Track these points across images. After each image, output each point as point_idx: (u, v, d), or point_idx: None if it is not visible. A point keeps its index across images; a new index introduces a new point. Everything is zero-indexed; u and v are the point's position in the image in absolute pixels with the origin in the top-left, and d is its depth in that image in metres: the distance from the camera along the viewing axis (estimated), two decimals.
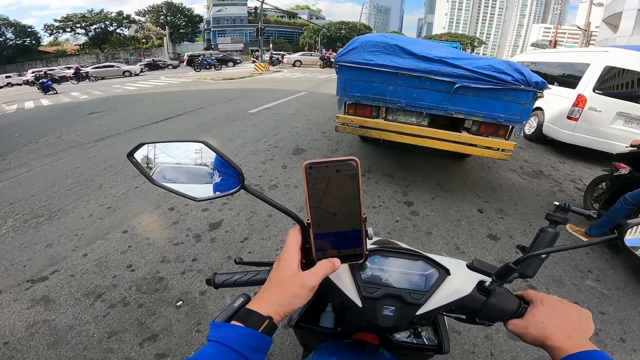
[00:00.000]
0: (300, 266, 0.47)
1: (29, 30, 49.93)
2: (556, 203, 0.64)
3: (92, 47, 53.49)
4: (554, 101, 5.27)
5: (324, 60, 25.86)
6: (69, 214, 3.08)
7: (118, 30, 56.71)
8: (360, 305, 0.56)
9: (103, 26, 54.55)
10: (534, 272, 0.59)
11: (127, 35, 57.30)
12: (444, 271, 0.59)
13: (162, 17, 58.96)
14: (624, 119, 4.62)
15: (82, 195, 3.46)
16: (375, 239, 0.92)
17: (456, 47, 12.10)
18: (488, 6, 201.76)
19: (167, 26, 55.13)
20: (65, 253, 2.48)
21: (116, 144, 5.30)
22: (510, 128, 3.19)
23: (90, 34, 53.99)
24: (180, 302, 1.99)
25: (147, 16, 59.38)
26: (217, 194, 0.53)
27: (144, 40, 51.32)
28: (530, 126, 6.10)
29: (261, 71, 21.37)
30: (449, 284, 0.58)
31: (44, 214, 3.08)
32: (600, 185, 3.28)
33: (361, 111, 3.51)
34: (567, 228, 2.94)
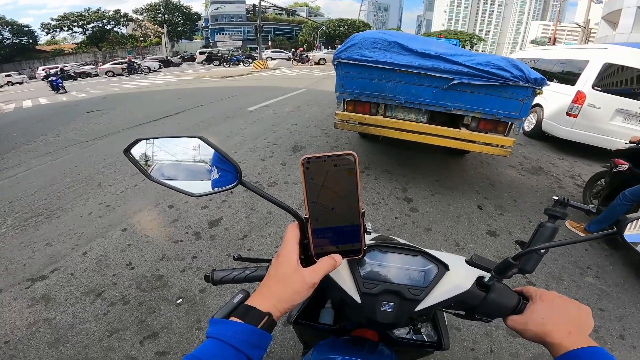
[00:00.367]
0: (299, 262, 0.46)
1: (26, 29, 49.68)
2: (555, 198, 0.64)
3: (90, 46, 53.34)
4: (553, 98, 5.26)
5: (296, 58, 29.54)
6: (68, 212, 3.08)
7: (115, 29, 56.52)
8: (359, 301, 0.56)
9: (100, 25, 54.31)
10: (533, 268, 0.59)
11: (125, 33, 57.07)
12: (443, 267, 0.58)
13: (160, 15, 58.68)
14: (623, 115, 4.62)
15: (81, 193, 3.46)
16: (374, 235, 0.92)
17: (455, 45, 12.07)
18: (487, 3, 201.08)
19: (165, 24, 54.85)
20: (64, 251, 2.48)
21: (115, 142, 5.29)
22: (509, 124, 3.19)
23: (87, 33, 53.75)
24: (180, 300, 1.99)
25: (145, 14, 59.10)
26: (215, 189, 0.53)
27: (141, 39, 51.14)
28: (529, 123, 6.10)
29: (260, 69, 21.32)
30: (448, 279, 0.57)
31: (43, 213, 3.07)
32: (599, 182, 3.28)
33: (360, 108, 3.50)
34: (567, 224, 2.94)
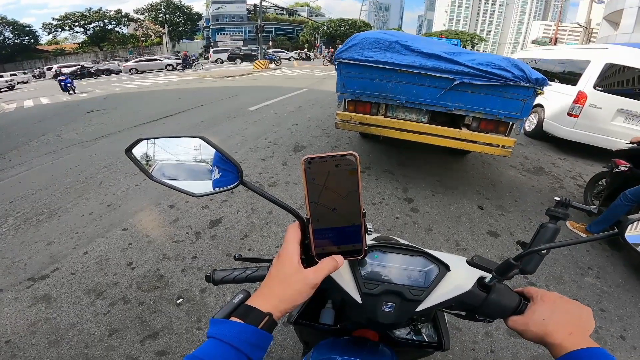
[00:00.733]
0: (300, 262, 0.46)
1: (27, 29, 49.78)
2: (556, 198, 0.64)
3: (91, 46, 53.39)
4: (555, 98, 5.25)
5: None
6: (69, 212, 3.08)
7: (117, 29, 56.56)
8: (360, 301, 0.56)
9: (102, 24, 54.35)
10: (534, 268, 0.58)
11: (126, 33, 57.14)
12: (444, 267, 0.58)
13: (161, 15, 58.74)
14: (624, 115, 4.61)
15: (82, 193, 3.46)
16: (375, 235, 0.92)
17: (456, 45, 12.06)
18: (488, 3, 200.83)
19: (166, 24, 54.94)
20: (65, 251, 2.49)
21: (116, 142, 5.29)
22: (510, 125, 3.18)
23: (88, 33, 53.82)
24: (181, 300, 2.00)
25: (146, 14, 59.16)
26: (216, 189, 0.53)
27: (142, 39, 51.19)
28: (530, 123, 6.09)
29: (261, 68, 21.32)
30: (448, 280, 0.57)
31: (45, 212, 3.08)
32: (600, 182, 3.27)
33: (361, 108, 3.50)
34: (568, 225, 2.93)
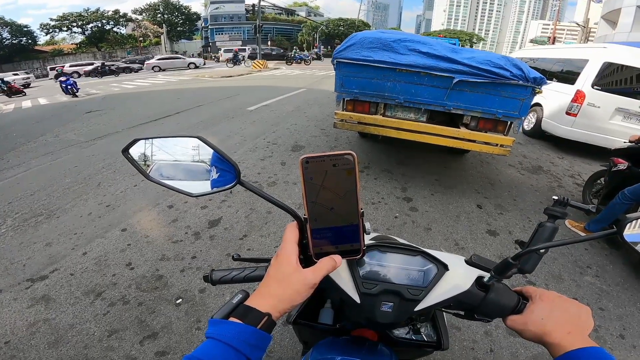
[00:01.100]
0: (299, 262, 0.46)
1: (25, 29, 49.57)
2: (555, 197, 0.64)
3: (89, 46, 53.18)
4: (553, 97, 5.26)
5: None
6: (68, 212, 3.08)
7: (115, 29, 56.37)
8: (358, 301, 0.56)
9: (100, 25, 54.14)
10: (533, 268, 0.58)
11: (124, 33, 56.95)
12: (443, 267, 0.58)
13: (159, 15, 58.53)
14: (622, 114, 4.62)
15: (81, 193, 3.45)
16: (374, 234, 0.92)
17: (455, 44, 12.07)
18: (487, 2, 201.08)
19: (165, 24, 54.76)
20: (64, 252, 2.48)
21: (114, 142, 5.28)
22: (508, 124, 3.19)
23: (86, 33, 53.63)
24: (180, 300, 1.99)
25: (144, 14, 58.99)
26: (214, 189, 0.53)
27: (141, 39, 51.07)
28: (529, 122, 6.10)
29: (259, 68, 21.31)
30: (447, 279, 0.57)
31: (43, 213, 3.07)
32: (599, 181, 3.28)
33: (359, 107, 3.50)
34: (566, 224, 2.94)
